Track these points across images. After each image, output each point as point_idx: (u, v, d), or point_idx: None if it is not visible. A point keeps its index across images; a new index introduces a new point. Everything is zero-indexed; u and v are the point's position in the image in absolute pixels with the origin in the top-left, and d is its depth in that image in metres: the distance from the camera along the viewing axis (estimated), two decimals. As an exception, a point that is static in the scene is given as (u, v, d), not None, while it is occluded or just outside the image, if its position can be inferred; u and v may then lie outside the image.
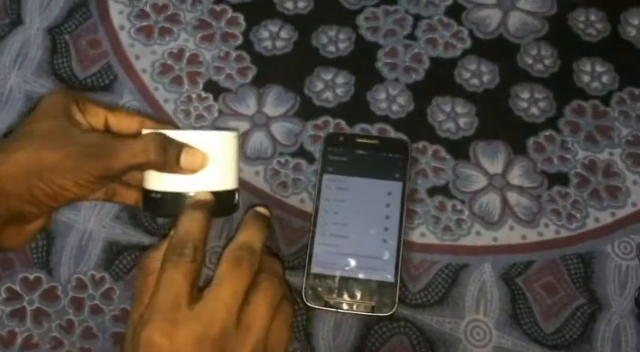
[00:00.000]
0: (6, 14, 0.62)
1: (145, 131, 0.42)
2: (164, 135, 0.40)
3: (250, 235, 0.40)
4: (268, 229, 0.43)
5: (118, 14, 0.62)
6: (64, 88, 0.59)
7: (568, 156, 0.57)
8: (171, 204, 0.41)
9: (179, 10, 0.62)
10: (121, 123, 0.44)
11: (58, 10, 0.62)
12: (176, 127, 0.54)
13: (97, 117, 0.43)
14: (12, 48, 0.60)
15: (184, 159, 0.40)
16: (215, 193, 0.42)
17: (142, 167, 0.40)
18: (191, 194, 0.41)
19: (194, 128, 0.58)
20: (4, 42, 0.61)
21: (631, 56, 0.61)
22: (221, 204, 0.42)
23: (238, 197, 0.45)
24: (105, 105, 0.43)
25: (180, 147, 0.40)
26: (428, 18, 0.62)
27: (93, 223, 0.54)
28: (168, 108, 0.58)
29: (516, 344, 0.51)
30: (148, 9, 0.62)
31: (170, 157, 0.39)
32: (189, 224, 0.38)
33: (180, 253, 0.36)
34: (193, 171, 0.41)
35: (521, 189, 0.56)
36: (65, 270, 0.53)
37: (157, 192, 0.42)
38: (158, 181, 0.41)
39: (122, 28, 0.61)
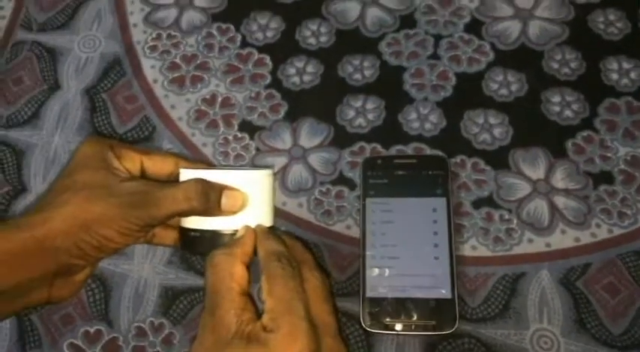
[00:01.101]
0: (43, 80, 0.65)
1: (182, 170, 0.42)
2: (204, 181, 0.40)
3: (267, 245, 0.40)
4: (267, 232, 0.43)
5: (150, 69, 0.64)
6: (96, 136, 0.61)
7: (609, 155, 0.57)
8: (209, 243, 0.41)
9: (207, 58, 0.65)
10: (156, 165, 0.44)
11: (94, 72, 0.65)
12: (210, 165, 0.55)
13: (132, 161, 0.43)
14: (52, 112, 0.63)
15: (225, 202, 0.40)
16: None
17: (185, 214, 0.41)
18: (229, 232, 0.41)
19: (229, 166, 0.59)
20: (45, 107, 0.63)
21: (656, 49, 0.62)
22: None
23: None
24: (139, 149, 0.44)
25: (220, 190, 0.40)
26: (448, 36, 0.64)
27: (147, 271, 0.55)
28: (207, 151, 0.60)
29: (586, 350, 0.50)
30: (178, 60, 0.65)
31: (212, 203, 0.40)
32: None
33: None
34: (234, 213, 0.41)
35: (567, 192, 0.55)
36: (125, 320, 0.53)
37: (195, 231, 0.42)
38: (195, 220, 0.42)
39: (155, 81, 0.64)
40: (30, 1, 0.69)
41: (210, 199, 0.40)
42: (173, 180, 0.43)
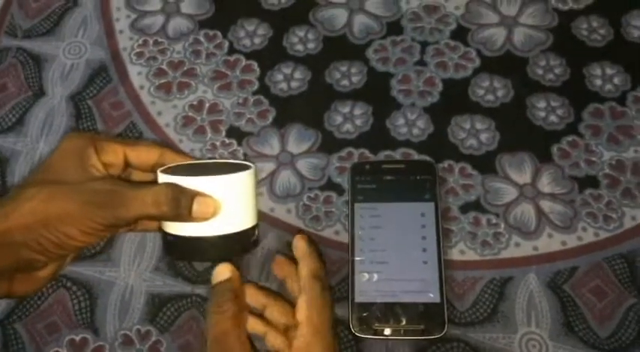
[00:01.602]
0: (28, 87, 0.64)
1: (159, 173, 0.41)
2: (175, 186, 0.39)
3: (311, 263, 0.45)
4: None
5: (136, 75, 0.64)
6: (78, 131, 0.60)
7: (594, 159, 0.58)
8: (188, 249, 0.40)
9: (194, 65, 0.64)
10: (140, 156, 0.43)
11: (79, 78, 0.64)
12: (195, 160, 0.53)
13: (115, 154, 0.42)
14: (37, 118, 0.62)
15: (197, 208, 0.39)
16: (233, 234, 0.41)
17: (154, 218, 0.40)
18: (207, 237, 0.40)
19: (216, 157, 0.59)
20: (30, 114, 0.63)
21: (639, 56, 0.62)
22: (240, 243, 0.41)
23: (258, 233, 0.44)
24: (122, 141, 0.43)
25: (192, 196, 0.39)
26: (435, 43, 0.64)
27: (133, 278, 0.54)
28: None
29: (574, 353, 0.50)
30: (164, 67, 0.64)
31: (182, 209, 0.39)
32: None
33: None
34: (206, 219, 0.40)
35: (553, 196, 0.56)
36: (111, 328, 0.53)
37: (173, 236, 0.41)
38: (174, 224, 0.41)
39: (142, 87, 0.63)
40: (15, 7, 0.69)
41: (181, 205, 0.39)
42: (153, 179, 0.43)
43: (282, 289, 0.51)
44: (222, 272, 0.42)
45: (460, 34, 0.65)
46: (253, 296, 0.47)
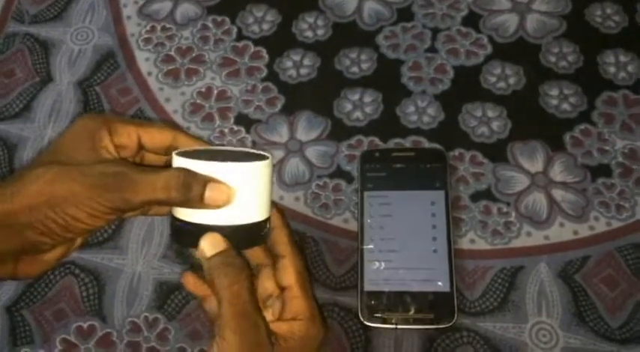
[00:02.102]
0: (36, 73, 0.64)
1: (174, 156, 0.39)
2: (187, 171, 0.38)
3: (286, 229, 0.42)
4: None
5: (144, 61, 0.64)
6: (92, 113, 0.59)
7: (607, 148, 0.57)
8: (197, 237, 0.39)
9: (203, 51, 0.64)
10: (154, 139, 0.42)
11: (86, 64, 0.64)
12: (209, 144, 0.51)
13: (129, 136, 0.41)
14: (45, 105, 0.62)
15: (209, 195, 0.37)
16: (242, 225, 0.39)
17: (163, 203, 0.38)
18: (218, 225, 0.38)
19: (232, 144, 0.58)
20: (37, 100, 0.62)
21: (653, 43, 0.62)
22: (251, 235, 0.40)
23: (269, 226, 0.42)
24: (136, 122, 0.41)
25: (204, 182, 0.37)
26: (446, 29, 0.63)
27: (141, 265, 0.54)
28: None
29: (585, 343, 0.50)
30: (172, 53, 0.64)
31: (193, 195, 0.37)
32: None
33: None
34: (218, 207, 0.38)
35: (565, 185, 0.55)
36: (119, 315, 0.53)
37: (182, 222, 0.39)
38: (185, 210, 0.39)
39: (150, 73, 0.63)
40: (22, -8, 0.68)
41: (192, 191, 0.37)
42: (166, 162, 0.42)
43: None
44: (219, 242, 0.40)
45: (472, 20, 0.64)
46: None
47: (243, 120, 0.60)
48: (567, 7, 0.64)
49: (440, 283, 0.51)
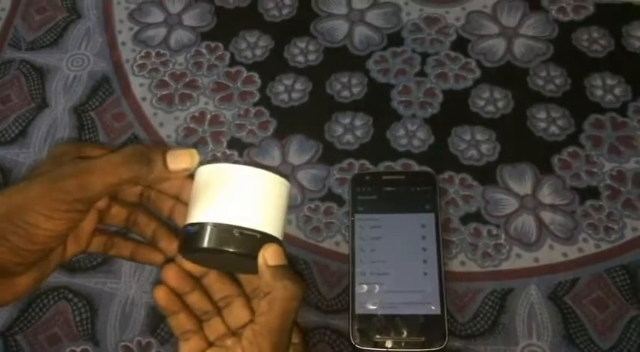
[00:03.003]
0: (31, 99, 0.65)
1: (199, 167, 0.37)
2: (143, 145, 0.36)
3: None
4: None
5: (139, 87, 0.65)
6: (67, 141, 0.60)
7: (595, 170, 0.57)
8: (216, 237, 0.35)
9: (196, 76, 0.65)
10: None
11: (82, 90, 0.65)
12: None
13: (96, 153, 0.38)
14: (40, 130, 0.63)
15: (171, 160, 0.35)
16: (264, 234, 0.36)
17: (126, 182, 0.35)
18: (240, 226, 0.35)
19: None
20: (33, 125, 0.63)
21: (639, 66, 0.63)
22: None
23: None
24: (108, 148, 0.39)
25: (163, 151, 0.36)
26: (435, 54, 0.64)
27: (134, 289, 0.55)
28: (196, 169, 0.60)
29: (576, 365, 0.50)
30: (167, 78, 0.65)
31: (155, 163, 0.35)
32: None
33: None
34: (187, 170, 0.36)
35: (554, 207, 0.56)
36: (112, 339, 0.53)
37: (201, 225, 0.35)
38: (200, 211, 0.36)
39: (144, 99, 0.64)
40: (18, 20, 0.70)
41: (153, 160, 0.35)
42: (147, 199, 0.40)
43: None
44: (281, 254, 0.37)
45: (460, 45, 0.65)
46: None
47: (236, 144, 0.61)
48: (554, 32, 0.65)
49: (431, 306, 0.51)
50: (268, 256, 0.36)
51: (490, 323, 0.52)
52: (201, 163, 0.39)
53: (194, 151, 0.36)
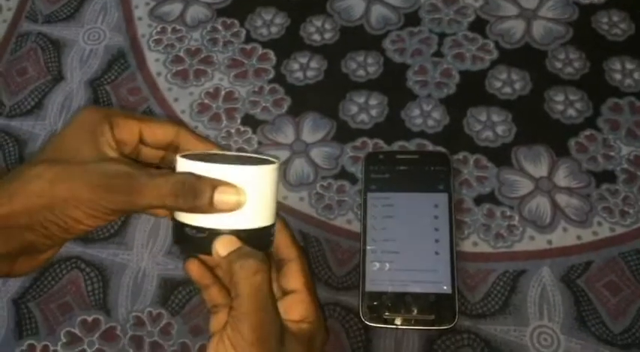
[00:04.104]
0: (47, 71, 0.65)
1: (179, 158, 0.38)
2: (194, 176, 0.36)
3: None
4: None
5: (154, 62, 0.65)
6: (94, 106, 0.61)
7: (612, 154, 0.57)
8: (201, 240, 0.37)
9: (211, 53, 0.65)
10: (156, 134, 0.40)
11: (98, 64, 0.65)
12: (213, 143, 0.46)
13: (131, 131, 0.40)
14: (55, 102, 0.63)
15: (219, 199, 0.36)
16: (250, 230, 0.38)
17: (169, 209, 0.37)
18: (224, 229, 0.37)
19: (238, 145, 0.58)
20: (48, 98, 0.63)
21: (660, 51, 0.62)
22: (257, 241, 0.38)
23: (274, 232, 0.40)
24: (137, 117, 0.40)
25: (213, 187, 0.36)
26: (452, 35, 0.64)
27: (146, 261, 0.55)
28: (209, 144, 0.60)
29: (586, 347, 0.49)
30: (182, 54, 0.65)
31: (202, 200, 0.36)
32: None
33: None
34: (229, 210, 0.37)
35: (569, 190, 0.55)
36: (123, 310, 0.53)
37: (189, 226, 0.37)
38: (192, 215, 0.38)
39: (159, 74, 0.64)
40: (36, -7, 0.70)
41: (201, 197, 0.36)
42: (163, 156, 0.42)
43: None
44: (233, 242, 0.38)
45: (478, 25, 0.64)
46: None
47: (250, 121, 0.61)
48: (574, 14, 0.64)
49: (442, 285, 0.51)
50: (219, 248, 0.37)
51: (501, 304, 0.51)
52: (186, 151, 0.40)
53: (242, 190, 0.37)
